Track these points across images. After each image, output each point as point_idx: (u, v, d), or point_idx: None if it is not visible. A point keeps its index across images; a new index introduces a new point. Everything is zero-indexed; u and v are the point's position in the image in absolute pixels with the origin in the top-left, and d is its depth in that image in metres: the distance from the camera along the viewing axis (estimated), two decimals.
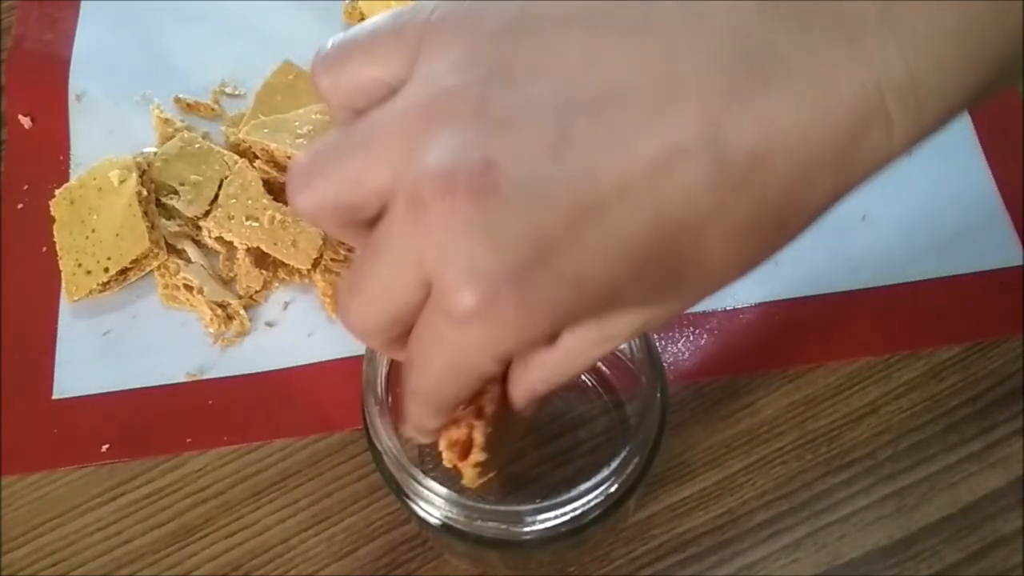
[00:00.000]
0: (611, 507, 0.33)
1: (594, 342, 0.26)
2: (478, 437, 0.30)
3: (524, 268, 0.22)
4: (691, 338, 0.47)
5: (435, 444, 0.31)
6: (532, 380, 0.28)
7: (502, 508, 0.32)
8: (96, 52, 0.56)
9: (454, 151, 0.22)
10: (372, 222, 0.25)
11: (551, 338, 0.26)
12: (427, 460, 0.39)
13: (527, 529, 0.32)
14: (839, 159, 0.23)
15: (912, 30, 0.22)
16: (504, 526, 0.32)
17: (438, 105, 0.23)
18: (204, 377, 0.46)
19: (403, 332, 0.26)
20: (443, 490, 0.32)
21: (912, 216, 0.49)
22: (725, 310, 0.47)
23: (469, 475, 0.31)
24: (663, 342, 0.46)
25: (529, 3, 0.23)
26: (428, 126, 0.23)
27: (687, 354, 0.46)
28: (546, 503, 0.32)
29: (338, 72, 0.26)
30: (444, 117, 0.23)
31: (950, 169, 0.51)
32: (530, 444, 0.44)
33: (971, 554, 0.42)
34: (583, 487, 0.32)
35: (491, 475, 0.32)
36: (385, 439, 0.33)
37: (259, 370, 0.47)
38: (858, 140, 0.23)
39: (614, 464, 0.32)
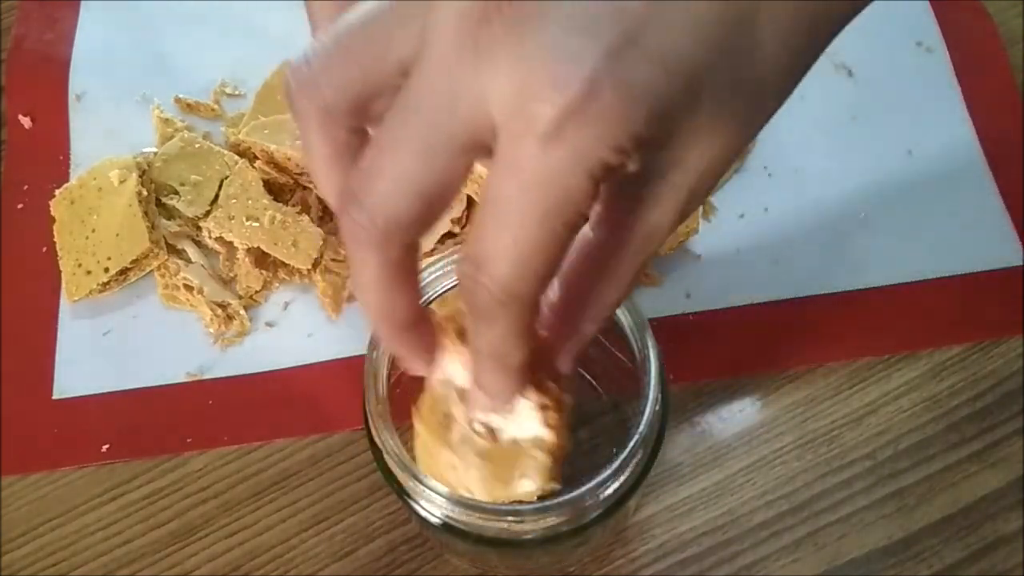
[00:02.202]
0: (612, 507, 0.33)
1: (687, 170, 0.24)
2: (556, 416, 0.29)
3: (616, 48, 0.20)
4: (691, 338, 0.47)
5: None
6: (644, 228, 0.25)
7: (503, 507, 0.32)
8: (96, 52, 0.56)
9: None
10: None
11: (638, 155, 0.22)
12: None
13: (528, 528, 0.32)
14: None
15: None
16: (505, 526, 0.32)
17: None
18: (204, 377, 0.46)
19: (431, 224, 0.23)
20: (444, 489, 0.32)
21: (912, 216, 0.49)
22: (725, 310, 0.47)
23: (544, 471, 0.31)
24: (663, 342, 0.46)
25: None
26: None
27: (687, 354, 0.46)
28: (547, 503, 0.32)
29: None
30: None
31: (950, 169, 0.51)
32: None
33: (971, 554, 0.42)
34: (584, 487, 0.32)
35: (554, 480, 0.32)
36: (386, 437, 0.33)
37: (259, 370, 0.47)
38: None
39: (615, 464, 0.32)
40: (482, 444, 0.31)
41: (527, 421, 0.31)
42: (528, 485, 0.31)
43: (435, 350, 0.30)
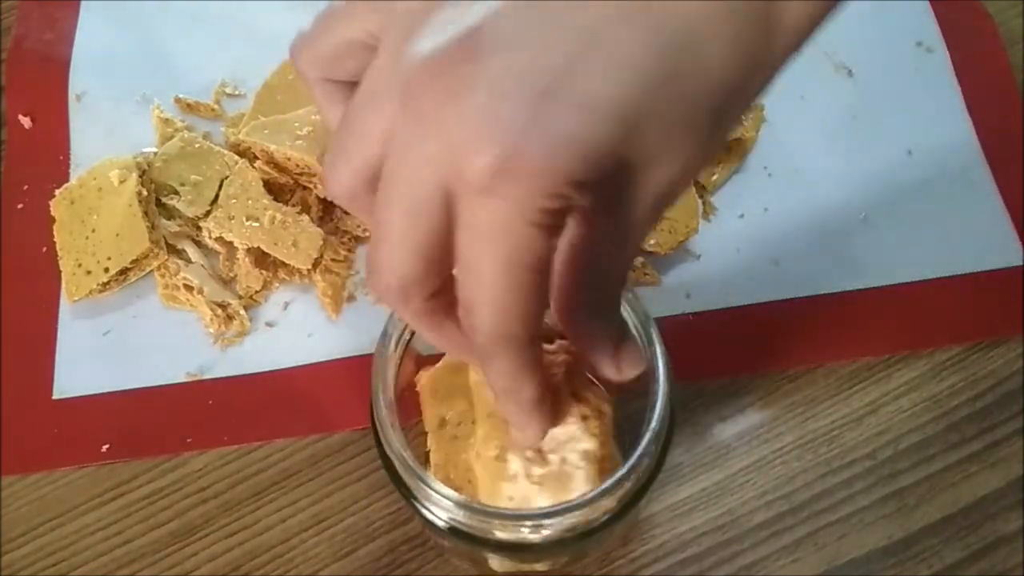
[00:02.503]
0: (626, 506, 0.33)
1: (648, 195, 0.25)
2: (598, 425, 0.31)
3: (535, 103, 0.22)
4: (691, 338, 0.47)
5: None
6: (596, 258, 0.26)
7: (513, 512, 0.32)
8: (96, 52, 0.56)
9: (437, 41, 0.23)
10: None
11: (591, 185, 0.24)
12: None
13: (540, 532, 0.32)
14: None
15: None
16: (515, 530, 0.32)
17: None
18: (204, 377, 0.46)
19: (441, 273, 0.25)
20: (454, 494, 0.32)
21: (912, 216, 0.49)
22: (725, 310, 0.47)
23: (592, 482, 0.32)
24: (663, 342, 0.46)
25: None
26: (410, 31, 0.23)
27: (687, 354, 0.46)
28: (558, 507, 0.32)
29: (317, 42, 0.27)
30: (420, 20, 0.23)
31: (950, 169, 0.51)
32: None
33: (971, 554, 0.42)
34: (599, 487, 0.32)
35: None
36: (394, 442, 0.33)
37: (259, 370, 0.47)
38: None
39: (628, 463, 0.32)
40: (535, 472, 0.32)
41: (570, 436, 0.32)
42: None
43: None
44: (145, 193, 0.48)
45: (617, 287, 0.28)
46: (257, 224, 0.48)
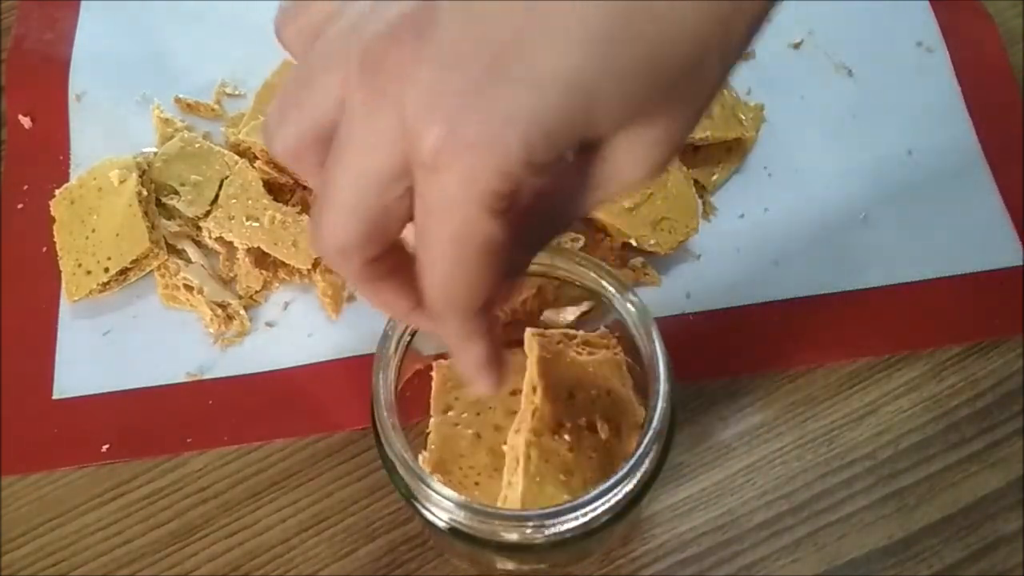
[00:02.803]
0: (628, 504, 0.33)
1: (596, 189, 0.25)
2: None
3: (477, 83, 0.21)
4: (691, 338, 0.47)
5: None
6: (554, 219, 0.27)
7: (515, 513, 0.32)
8: (96, 52, 0.56)
9: (393, 12, 0.23)
10: None
11: (541, 165, 0.23)
12: None
13: (541, 533, 0.32)
14: None
15: None
16: (518, 530, 0.32)
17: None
18: (204, 377, 0.46)
19: (382, 243, 0.25)
20: (455, 494, 0.32)
21: (912, 216, 0.49)
22: (725, 310, 0.47)
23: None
24: (663, 342, 0.46)
25: None
26: (368, 12, 0.23)
27: (687, 354, 0.46)
28: (559, 507, 0.32)
29: (299, 15, 0.27)
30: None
31: (950, 169, 0.51)
32: None
33: (971, 554, 0.42)
34: (601, 487, 0.32)
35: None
36: (395, 442, 0.33)
37: (259, 370, 0.47)
38: None
39: (630, 462, 0.32)
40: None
41: None
42: None
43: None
44: (145, 193, 0.48)
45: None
46: (257, 224, 0.48)
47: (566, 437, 0.36)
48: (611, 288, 0.36)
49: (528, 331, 0.38)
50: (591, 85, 0.22)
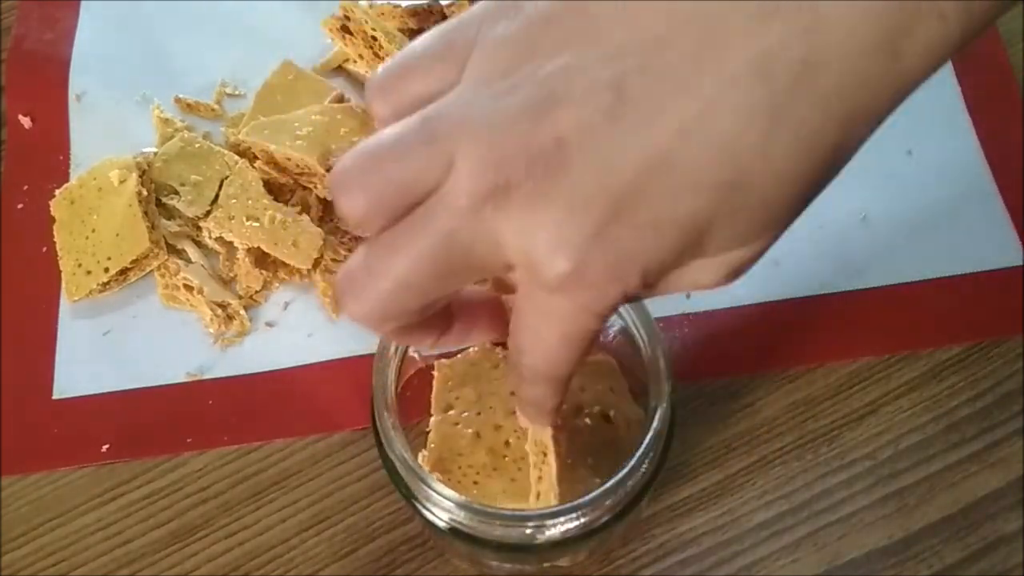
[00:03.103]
0: (628, 505, 0.33)
1: (686, 285, 0.27)
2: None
3: (602, 226, 0.23)
4: (691, 338, 0.47)
5: None
6: None
7: (515, 513, 0.32)
8: (96, 52, 0.56)
9: (522, 127, 0.23)
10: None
11: (651, 287, 0.26)
12: None
13: (541, 533, 0.32)
14: (892, 49, 0.23)
15: None
16: (519, 531, 0.32)
17: (496, 89, 0.24)
18: (204, 377, 0.46)
19: (423, 316, 0.27)
20: (454, 494, 0.32)
21: (912, 216, 0.49)
22: (725, 310, 0.47)
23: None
24: (663, 342, 0.46)
25: None
26: (492, 113, 0.24)
27: (687, 354, 0.46)
28: (559, 507, 0.32)
29: (394, 92, 0.26)
30: (504, 96, 0.24)
31: (950, 169, 0.51)
32: None
33: (971, 554, 0.42)
34: (600, 488, 0.32)
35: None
36: (395, 442, 0.33)
37: (259, 370, 0.47)
38: (910, 30, 0.23)
39: (630, 462, 0.32)
40: None
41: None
42: None
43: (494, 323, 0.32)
44: (145, 193, 0.48)
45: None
46: (257, 224, 0.47)
47: (587, 420, 0.37)
48: None
49: None
50: (706, 227, 0.24)
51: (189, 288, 0.48)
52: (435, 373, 0.39)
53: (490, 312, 0.31)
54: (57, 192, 0.50)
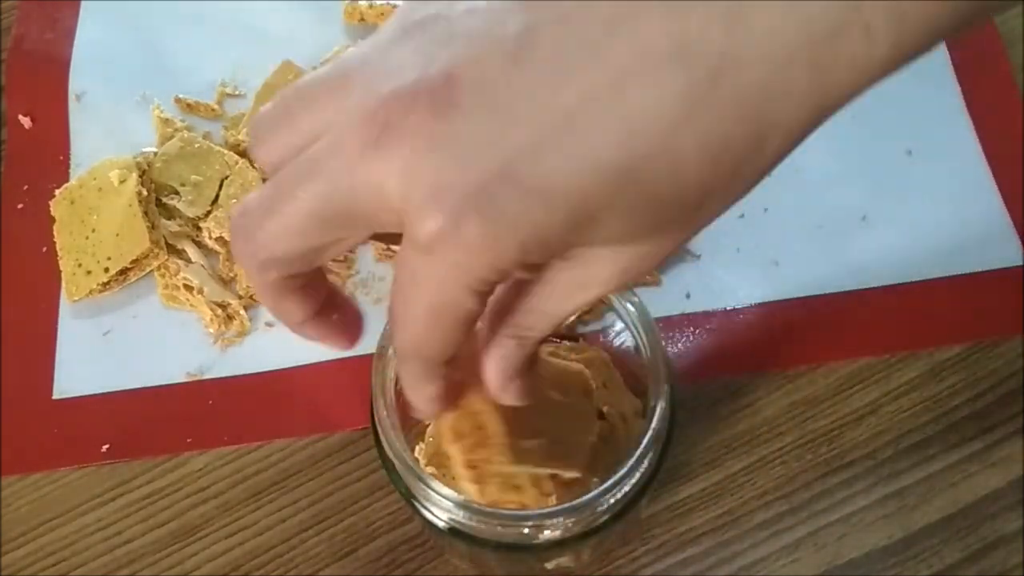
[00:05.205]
0: (627, 505, 0.33)
1: (575, 284, 0.25)
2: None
3: (487, 181, 0.21)
4: (691, 338, 0.47)
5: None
6: (509, 332, 0.27)
7: (513, 512, 0.32)
8: (96, 52, 0.56)
9: (414, 69, 0.22)
10: None
11: (529, 268, 0.24)
12: None
13: (541, 533, 0.32)
14: (815, 57, 0.21)
15: None
16: (518, 531, 0.32)
17: (407, 30, 0.23)
18: (204, 377, 0.46)
19: (310, 267, 0.26)
20: (454, 494, 0.32)
21: (912, 216, 0.49)
22: (725, 310, 0.47)
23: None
24: (663, 342, 0.46)
25: None
26: (386, 49, 0.23)
27: (687, 354, 0.46)
28: (558, 507, 0.32)
29: (278, 132, 0.25)
30: (400, 36, 0.23)
31: (950, 169, 0.51)
32: None
33: (971, 554, 0.42)
34: (599, 488, 0.32)
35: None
36: (394, 442, 0.33)
37: (259, 370, 0.47)
38: (834, 40, 0.21)
39: (629, 462, 0.32)
40: None
41: None
42: None
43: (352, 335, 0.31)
44: (145, 193, 0.48)
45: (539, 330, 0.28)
46: None
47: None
48: None
49: None
50: (596, 212, 0.22)
51: (189, 288, 0.48)
52: None
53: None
54: (57, 192, 0.50)
